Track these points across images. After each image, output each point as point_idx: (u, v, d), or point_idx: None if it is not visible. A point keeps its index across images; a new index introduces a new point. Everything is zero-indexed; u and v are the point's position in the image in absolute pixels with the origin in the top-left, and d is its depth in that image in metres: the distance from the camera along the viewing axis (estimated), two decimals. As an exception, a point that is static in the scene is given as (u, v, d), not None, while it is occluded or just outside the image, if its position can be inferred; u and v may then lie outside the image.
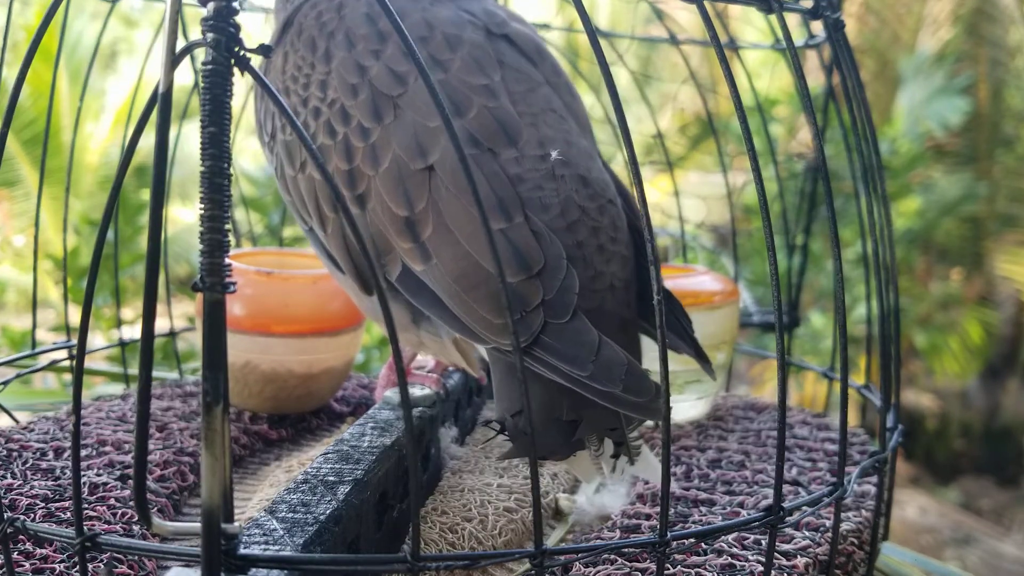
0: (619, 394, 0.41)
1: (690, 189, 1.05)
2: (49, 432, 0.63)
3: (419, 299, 0.48)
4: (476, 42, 0.51)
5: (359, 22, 0.51)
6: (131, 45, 4.81)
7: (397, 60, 0.49)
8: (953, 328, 3.60)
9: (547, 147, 0.48)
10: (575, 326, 0.43)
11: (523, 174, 0.47)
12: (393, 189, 0.47)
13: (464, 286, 0.45)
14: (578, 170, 0.49)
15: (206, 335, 0.29)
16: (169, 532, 0.32)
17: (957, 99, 3.31)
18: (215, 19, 0.29)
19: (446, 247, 0.46)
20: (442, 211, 0.46)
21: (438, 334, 0.51)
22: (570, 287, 0.44)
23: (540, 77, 0.53)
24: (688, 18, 1.15)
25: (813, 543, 0.49)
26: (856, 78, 0.51)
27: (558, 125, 0.50)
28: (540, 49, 0.55)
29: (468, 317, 0.45)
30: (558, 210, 0.47)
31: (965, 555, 2.80)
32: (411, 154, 0.47)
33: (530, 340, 0.42)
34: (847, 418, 0.43)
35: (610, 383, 0.41)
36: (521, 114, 0.49)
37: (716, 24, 0.42)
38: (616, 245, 0.49)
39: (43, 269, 3.00)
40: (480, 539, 0.52)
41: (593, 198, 0.48)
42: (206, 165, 0.29)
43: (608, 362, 0.42)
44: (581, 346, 0.42)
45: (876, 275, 0.50)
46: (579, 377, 0.42)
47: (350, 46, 0.50)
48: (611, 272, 0.48)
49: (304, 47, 0.52)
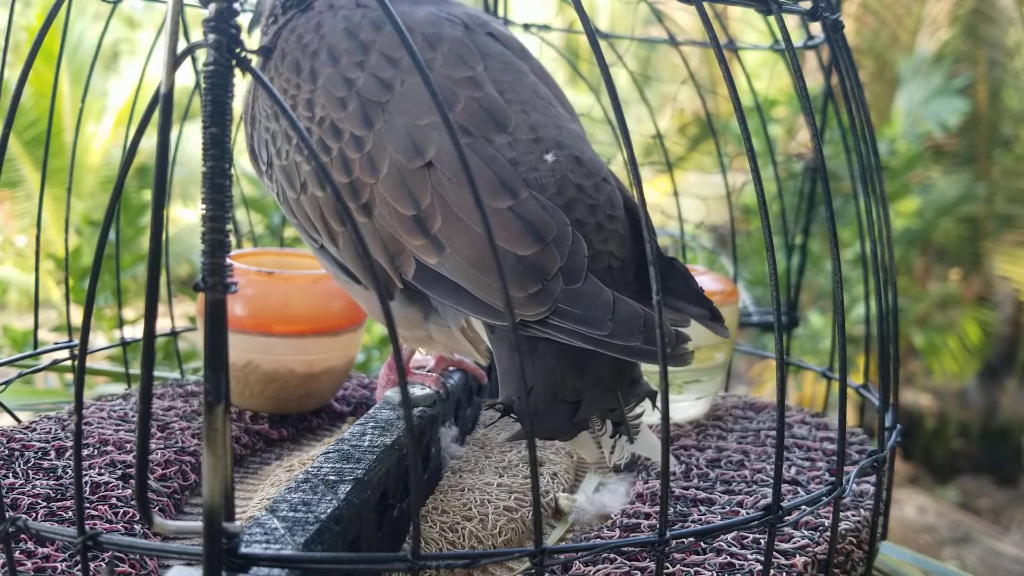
0: (639, 346, 0.42)
1: (689, 189, 1.05)
2: (51, 432, 0.63)
3: (435, 290, 0.48)
4: (455, 37, 0.52)
5: (340, 38, 0.52)
6: (133, 46, 4.81)
7: (381, 67, 0.50)
8: (951, 328, 3.60)
9: (538, 131, 0.49)
10: (589, 288, 0.44)
11: (518, 157, 0.48)
12: (397, 191, 0.48)
13: (483, 268, 0.46)
14: (572, 151, 0.49)
15: (208, 335, 0.29)
16: (170, 531, 0.32)
17: (955, 100, 3.31)
18: (216, 20, 0.29)
19: (458, 235, 0.46)
20: (448, 202, 0.47)
21: (447, 326, 0.52)
22: (579, 251, 0.45)
23: (526, 68, 0.54)
24: (687, 19, 1.15)
25: (812, 542, 0.50)
26: (855, 79, 0.51)
27: (547, 110, 0.51)
28: (523, 48, 0.56)
29: (490, 296, 0.46)
30: (555, 189, 0.48)
31: (963, 554, 2.80)
32: (408, 154, 0.48)
33: (552, 308, 0.43)
34: (846, 418, 0.43)
35: (630, 338, 0.42)
36: (509, 101, 0.50)
37: (715, 25, 0.42)
38: (613, 223, 0.49)
39: (45, 269, 3.00)
40: (480, 538, 0.52)
41: (588, 176, 0.49)
42: (207, 166, 0.30)
43: (626, 317, 0.43)
44: (597, 307, 0.43)
45: (875, 275, 0.50)
46: (600, 337, 0.42)
47: (334, 62, 0.51)
48: (608, 251, 0.48)
49: (288, 70, 0.53)
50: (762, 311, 1.04)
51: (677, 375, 0.70)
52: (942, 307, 3.68)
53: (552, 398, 0.45)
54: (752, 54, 1.04)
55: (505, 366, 0.47)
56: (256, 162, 0.58)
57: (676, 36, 0.85)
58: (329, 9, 0.54)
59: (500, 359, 0.48)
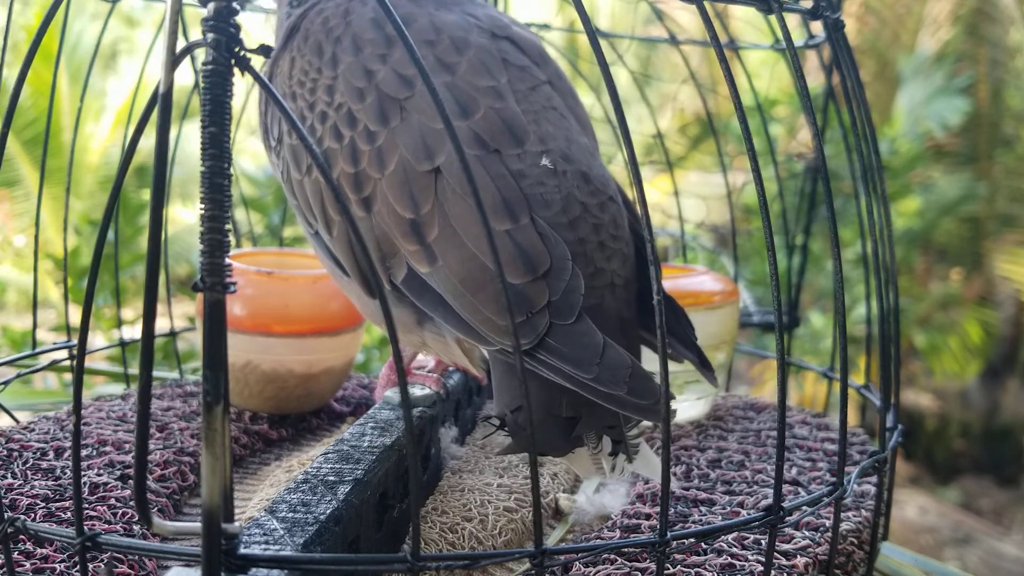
0: (624, 397, 0.41)
1: (690, 189, 1.05)
2: (50, 432, 0.63)
3: (423, 301, 0.48)
4: (482, 45, 0.51)
5: (366, 27, 0.51)
6: (132, 45, 4.81)
7: (404, 64, 0.50)
8: (953, 328, 3.60)
9: (548, 143, 0.49)
10: (580, 328, 0.43)
11: (525, 170, 0.47)
12: (399, 191, 0.47)
13: (470, 288, 0.45)
14: (580, 166, 0.49)
15: (206, 335, 0.29)
16: (169, 532, 0.32)
17: (957, 99, 3.31)
18: (215, 19, 0.29)
19: (452, 249, 0.46)
20: (448, 213, 0.46)
21: (442, 334, 0.51)
22: (575, 288, 0.44)
23: (543, 76, 0.53)
24: (688, 18, 1.15)
25: (813, 543, 0.49)
26: (856, 78, 0.51)
27: (559, 122, 0.51)
28: (543, 53, 0.55)
29: (473, 318, 0.45)
30: (560, 206, 0.47)
31: (965, 555, 2.80)
32: (418, 156, 0.47)
33: (535, 342, 0.43)
34: (847, 418, 0.43)
35: (615, 386, 0.41)
36: (524, 112, 0.50)
37: (716, 24, 0.42)
38: (617, 243, 0.49)
39: (43, 269, 3.00)
40: (480, 539, 0.52)
41: (594, 194, 0.49)
42: (206, 165, 0.29)
43: (613, 364, 0.42)
44: (586, 348, 0.42)
45: (876, 275, 0.50)
46: (584, 380, 0.42)
47: (357, 51, 0.51)
48: (612, 269, 0.48)
49: (311, 52, 0.52)
50: (763, 311, 1.03)
51: (678, 375, 0.70)
52: (943, 307, 3.68)
53: (546, 413, 0.44)
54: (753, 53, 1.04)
55: (498, 379, 0.47)
56: (267, 137, 0.58)
57: (677, 35, 0.85)
58: None
59: (494, 372, 0.47)
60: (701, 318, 0.69)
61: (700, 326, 0.52)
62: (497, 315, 0.44)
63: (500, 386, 0.47)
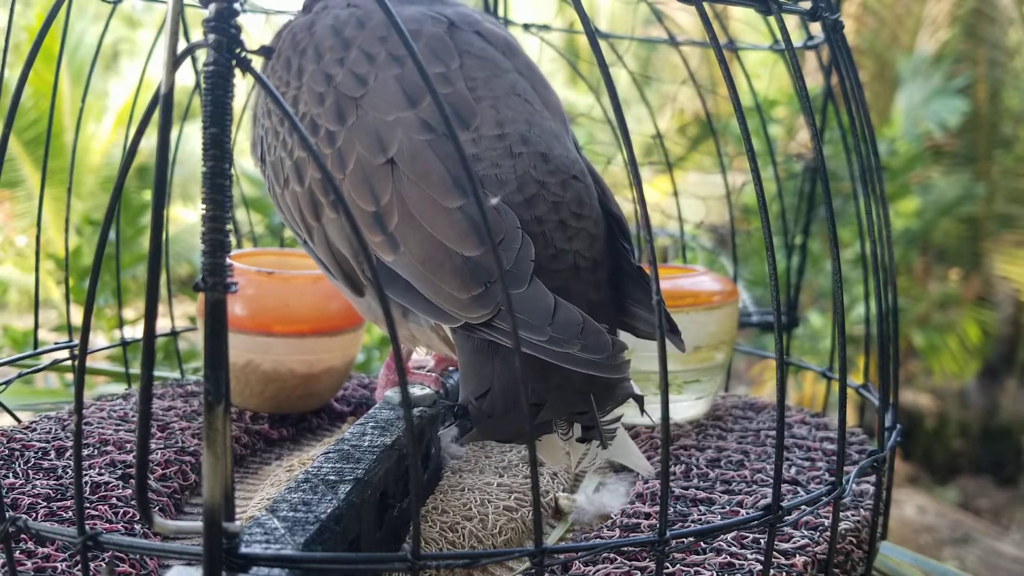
0: (576, 354, 0.42)
1: (689, 189, 1.05)
2: (51, 431, 0.63)
3: (392, 289, 0.48)
4: (434, 34, 0.53)
5: (326, 35, 0.53)
6: (133, 46, 4.81)
7: (359, 63, 0.51)
8: (951, 328, 3.60)
9: (505, 127, 0.50)
10: (531, 293, 0.44)
11: (480, 154, 0.48)
12: (360, 187, 0.49)
13: (430, 267, 0.46)
14: (538, 147, 0.50)
15: (208, 335, 0.29)
16: (170, 531, 0.32)
17: (955, 100, 3.31)
18: (216, 20, 0.29)
19: (412, 234, 0.47)
20: (405, 200, 0.47)
21: (421, 323, 0.52)
22: (526, 256, 0.45)
23: (508, 65, 0.54)
24: (687, 19, 1.15)
25: (812, 542, 0.50)
26: (855, 79, 0.51)
27: (520, 107, 0.51)
28: (510, 44, 0.57)
29: (436, 296, 0.46)
30: (515, 185, 0.48)
31: (963, 554, 2.80)
32: (372, 151, 0.49)
33: (494, 312, 0.43)
34: (845, 418, 0.43)
35: (566, 344, 0.42)
36: (479, 99, 0.51)
37: (715, 25, 0.42)
38: (582, 221, 0.49)
39: (45, 269, 3.00)
40: (480, 538, 0.52)
41: (554, 173, 0.49)
42: (208, 166, 0.30)
43: (564, 323, 0.43)
44: (538, 312, 0.43)
45: (875, 275, 0.50)
46: (538, 342, 0.42)
47: (318, 58, 0.52)
48: (575, 250, 0.48)
49: (281, 67, 0.54)
50: (762, 311, 1.04)
51: (677, 375, 0.70)
52: (942, 307, 3.68)
53: (512, 399, 0.45)
54: (752, 54, 1.04)
55: (465, 365, 0.47)
56: (254, 158, 0.60)
57: (676, 36, 0.85)
58: (324, 10, 0.55)
59: (460, 358, 0.48)
60: (701, 318, 0.69)
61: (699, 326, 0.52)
62: (457, 289, 0.45)
63: (467, 372, 0.47)
